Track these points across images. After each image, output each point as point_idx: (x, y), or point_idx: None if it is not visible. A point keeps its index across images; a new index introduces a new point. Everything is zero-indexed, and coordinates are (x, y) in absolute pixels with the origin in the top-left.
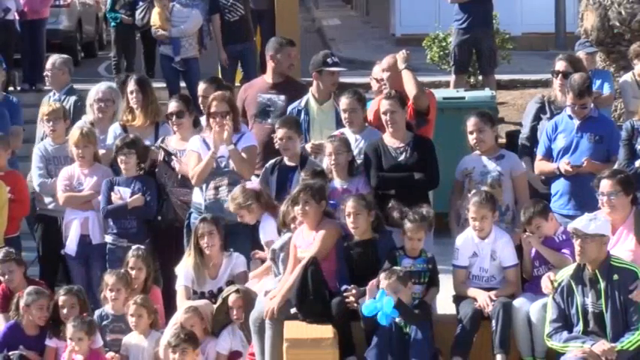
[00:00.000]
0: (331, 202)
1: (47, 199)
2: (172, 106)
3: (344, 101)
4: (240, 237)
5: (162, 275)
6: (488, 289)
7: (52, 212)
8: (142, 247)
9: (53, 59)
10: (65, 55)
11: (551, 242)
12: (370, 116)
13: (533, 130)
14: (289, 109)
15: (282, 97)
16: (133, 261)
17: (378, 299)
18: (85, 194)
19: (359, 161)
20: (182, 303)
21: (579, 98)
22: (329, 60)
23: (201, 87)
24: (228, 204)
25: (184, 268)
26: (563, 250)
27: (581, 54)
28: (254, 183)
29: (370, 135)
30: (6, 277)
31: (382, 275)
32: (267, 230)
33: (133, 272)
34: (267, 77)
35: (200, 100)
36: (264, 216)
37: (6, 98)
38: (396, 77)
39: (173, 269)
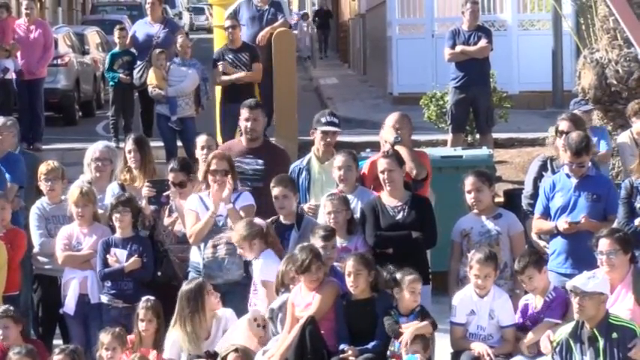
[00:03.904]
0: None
1: (44, 259)
2: (175, 176)
3: (339, 159)
4: (237, 296)
5: None
6: None
7: (50, 272)
8: (152, 297)
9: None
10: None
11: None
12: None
13: (536, 188)
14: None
15: (261, 161)
16: (142, 313)
17: None
18: (84, 254)
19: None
20: None
21: (577, 157)
22: (323, 119)
23: (202, 139)
24: (232, 234)
25: (170, 340)
26: (546, 319)
27: (577, 113)
28: (261, 220)
29: (362, 195)
30: (0, 333)
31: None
32: (266, 268)
33: (143, 324)
34: (245, 141)
35: (199, 155)
36: (266, 252)
37: (7, 155)
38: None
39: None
